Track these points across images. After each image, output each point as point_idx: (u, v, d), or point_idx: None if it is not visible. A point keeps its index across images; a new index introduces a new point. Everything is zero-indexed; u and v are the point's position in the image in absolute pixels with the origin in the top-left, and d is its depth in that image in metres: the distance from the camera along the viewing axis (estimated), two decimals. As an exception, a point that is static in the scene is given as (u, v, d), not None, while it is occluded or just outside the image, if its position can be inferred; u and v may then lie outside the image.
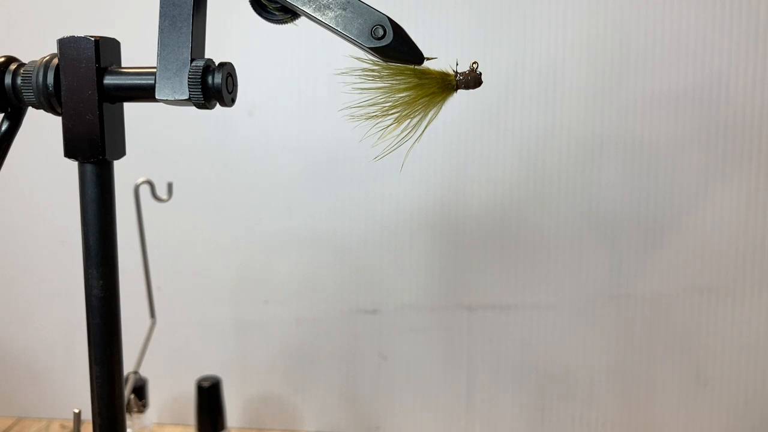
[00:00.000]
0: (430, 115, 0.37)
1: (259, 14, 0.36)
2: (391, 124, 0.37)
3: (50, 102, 0.35)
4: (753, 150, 0.70)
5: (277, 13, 0.36)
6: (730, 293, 0.72)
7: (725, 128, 0.70)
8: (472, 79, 0.36)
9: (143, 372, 0.64)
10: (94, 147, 0.35)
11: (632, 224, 0.72)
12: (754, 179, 0.70)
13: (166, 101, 0.35)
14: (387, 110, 0.36)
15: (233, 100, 0.36)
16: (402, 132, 0.37)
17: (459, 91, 0.37)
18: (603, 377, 0.75)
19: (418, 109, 0.36)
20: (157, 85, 0.34)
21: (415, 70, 0.36)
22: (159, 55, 0.35)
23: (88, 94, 0.35)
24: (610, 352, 0.75)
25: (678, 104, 0.70)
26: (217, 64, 0.35)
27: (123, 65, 0.37)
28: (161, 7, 0.35)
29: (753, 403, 0.74)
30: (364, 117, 0.36)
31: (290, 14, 0.36)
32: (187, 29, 0.34)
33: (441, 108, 0.37)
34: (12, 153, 0.37)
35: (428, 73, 0.36)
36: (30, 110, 0.37)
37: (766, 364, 0.73)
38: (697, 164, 0.71)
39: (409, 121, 0.37)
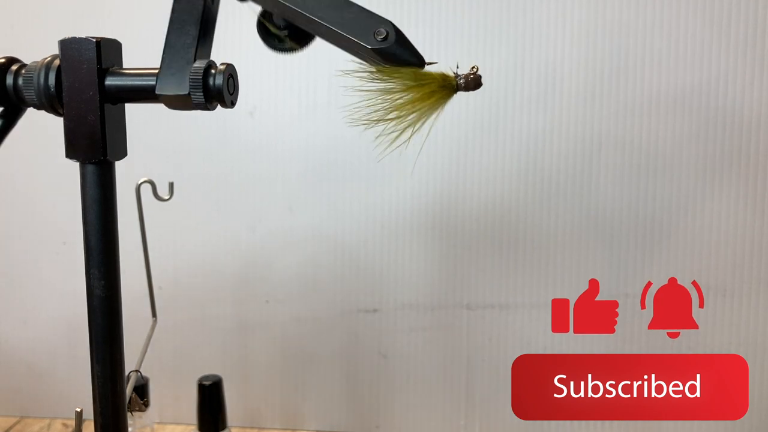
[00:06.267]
0: (430, 116, 0.37)
1: (266, 42, 0.36)
2: (391, 126, 0.37)
3: (52, 103, 0.36)
4: (751, 150, 0.70)
5: (285, 40, 0.36)
6: (729, 293, 0.72)
7: (724, 128, 0.70)
8: (472, 81, 0.37)
9: (144, 371, 0.64)
10: (96, 148, 0.35)
11: (631, 224, 0.72)
12: (752, 179, 0.70)
13: (166, 97, 0.35)
14: (388, 112, 0.37)
15: (234, 102, 0.36)
16: (402, 133, 0.37)
17: (459, 92, 0.37)
18: (603, 377, 0.75)
19: (418, 111, 0.37)
20: (158, 83, 0.35)
21: (415, 72, 0.36)
22: (163, 55, 0.35)
23: (89, 95, 0.35)
24: (609, 351, 0.75)
25: (677, 105, 0.70)
26: (218, 65, 0.35)
27: (124, 66, 0.37)
28: (173, 11, 0.35)
29: (753, 404, 0.74)
30: (365, 118, 0.37)
31: (296, 41, 0.36)
32: (194, 32, 0.35)
33: (441, 109, 0.37)
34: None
35: (428, 75, 0.36)
36: (32, 111, 0.38)
37: (766, 364, 0.73)
38: (695, 164, 0.71)
39: (409, 122, 0.37)
